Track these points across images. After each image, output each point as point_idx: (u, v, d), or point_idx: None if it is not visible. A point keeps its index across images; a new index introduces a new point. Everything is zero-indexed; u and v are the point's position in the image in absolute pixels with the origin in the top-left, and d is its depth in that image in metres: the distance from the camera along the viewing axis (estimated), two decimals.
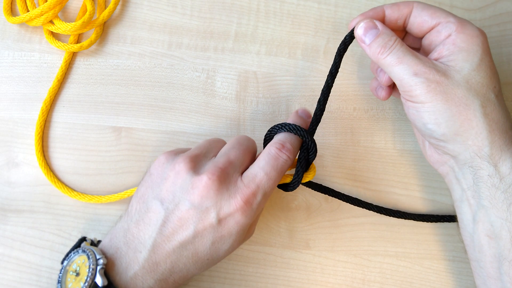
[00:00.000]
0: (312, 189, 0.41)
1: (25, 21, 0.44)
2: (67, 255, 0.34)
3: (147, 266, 0.32)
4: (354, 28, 0.36)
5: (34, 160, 0.43)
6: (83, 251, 0.32)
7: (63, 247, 0.42)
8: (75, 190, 0.43)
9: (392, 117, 0.45)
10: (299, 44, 0.47)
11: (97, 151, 0.44)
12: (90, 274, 0.30)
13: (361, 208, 0.43)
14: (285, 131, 0.36)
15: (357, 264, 0.43)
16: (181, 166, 0.33)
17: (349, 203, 0.42)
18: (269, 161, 0.34)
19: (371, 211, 0.43)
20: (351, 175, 0.44)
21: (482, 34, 0.35)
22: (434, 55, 0.35)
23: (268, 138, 0.38)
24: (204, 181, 0.32)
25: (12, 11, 0.46)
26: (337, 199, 0.43)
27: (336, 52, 0.37)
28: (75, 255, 0.33)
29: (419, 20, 0.36)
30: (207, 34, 0.46)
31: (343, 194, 0.42)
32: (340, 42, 0.38)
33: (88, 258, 0.31)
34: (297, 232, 0.43)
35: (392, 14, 0.37)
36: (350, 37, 0.37)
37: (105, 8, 0.46)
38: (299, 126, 0.36)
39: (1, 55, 0.45)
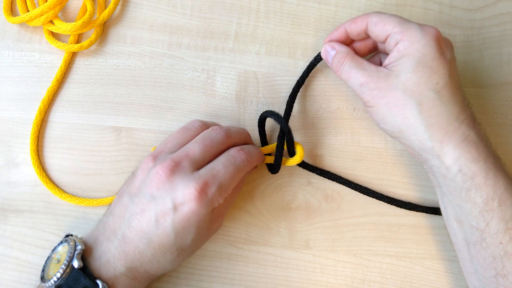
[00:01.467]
0: (308, 170, 0.43)
1: (25, 21, 0.44)
2: (54, 248, 0.36)
3: (117, 254, 0.34)
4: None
5: (35, 160, 0.43)
6: (66, 241, 0.35)
7: None
8: (65, 192, 0.43)
9: None
10: (299, 44, 0.47)
11: (97, 151, 0.44)
12: (68, 258, 0.34)
13: (361, 207, 0.43)
14: (268, 115, 0.40)
15: (357, 264, 0.43)
16: (144, 165, 0.37)
17: (340, 183, 0.43)
18: (228, 158, 0.37)
19: (371, 211, 0.43)
20: (351, 175, 0.44)
21: (426, 36, 0.37)
22: (386, 61, 0.39)
23: (260, 123, 0.42)
24: (159, 173, 0.35)
25: (12, 11, 0.46)
26: (337, 196, 0.43)
27: (308, 65, 0.44)
28: (59, 245, 0.36)
29: (373, 35, 0.40)
30: (207, 34, 0.46)
31: (334, 174, 0.43)
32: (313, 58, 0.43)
33: (69, 245, 0.35)
34: (297, 232, 0.43)
35: (352, 31, 0.41)
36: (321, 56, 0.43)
37: (105, 8, 0.46)
38: (277, 113, 0.40)
39: (1, 55, 0.45)
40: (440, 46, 0.37)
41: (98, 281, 0.33)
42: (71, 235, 0.37)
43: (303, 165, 0.43)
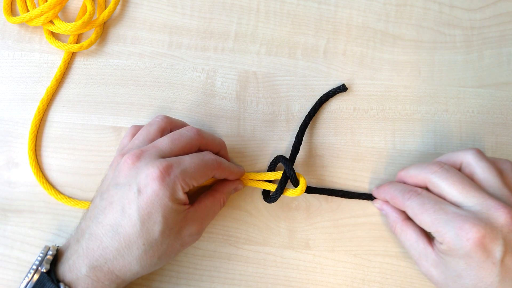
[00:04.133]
0: (313, 193, 0.43)
1: (25, 21, 0.44)
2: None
3: (81, 252, 0.34)
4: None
5: (33, 160, 0.43)
6: (44, 249, 0.36)
7: None
8: (65, 192, 0.43)
9: (392, 117, 0.45)
10: (299, 44, 0.47)
11: (97, 151, 0.44)
12: (37, 262, 0.34)
13: (361, 208, 0.43)
14: (280, 160, 0.41)
15: (357, 264, 0.43)
16: (114, 163, 0.37)
17: (348, 198, 0.43)
18: (196, 154, 0.37)
19: (371, 211, 0.43)
20: (351, 175, 0.44)
21: (465, 245, 0.34)
22: (438, 245, 0.37)
23: (272, 165, 0.43)
24: (126, 162, 0.35)
25: (12, 11, 0.46)
26: (338, 198, 0.43)
27: (317, 101, 0.44)
28: (39, 256, 0.36)
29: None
30: (207, 34, 0.46)
31: (342, 190, 0.43)
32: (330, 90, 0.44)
33: (42, 253, 0.35)
34: (297, 232, 0.43)
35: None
36: (343, 88, 0.45)
37: (105, 8, 0.46)
38: (287, 160, 0.41)
39: (1, 55, 0.45)
40: (484, 248, 0.33)
41: (60, 284, 0.33)
42: (56, 246, 0.37)
43: (308, 190, 0.43)
